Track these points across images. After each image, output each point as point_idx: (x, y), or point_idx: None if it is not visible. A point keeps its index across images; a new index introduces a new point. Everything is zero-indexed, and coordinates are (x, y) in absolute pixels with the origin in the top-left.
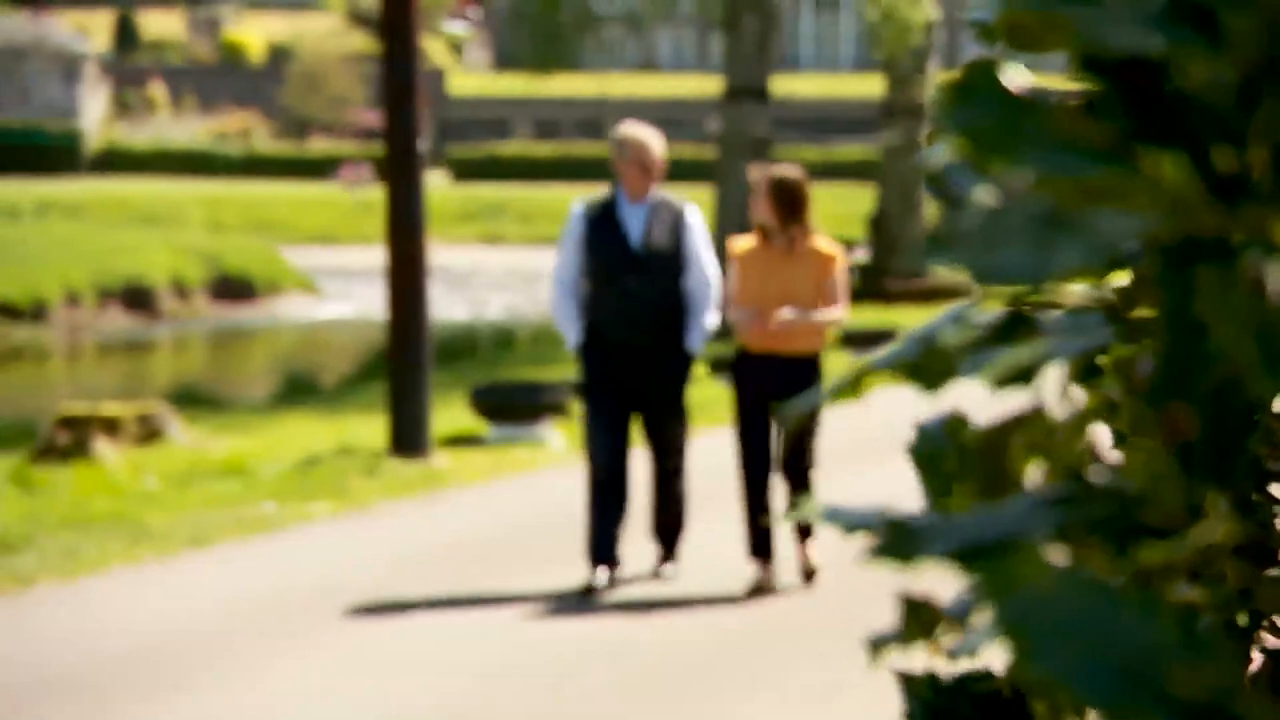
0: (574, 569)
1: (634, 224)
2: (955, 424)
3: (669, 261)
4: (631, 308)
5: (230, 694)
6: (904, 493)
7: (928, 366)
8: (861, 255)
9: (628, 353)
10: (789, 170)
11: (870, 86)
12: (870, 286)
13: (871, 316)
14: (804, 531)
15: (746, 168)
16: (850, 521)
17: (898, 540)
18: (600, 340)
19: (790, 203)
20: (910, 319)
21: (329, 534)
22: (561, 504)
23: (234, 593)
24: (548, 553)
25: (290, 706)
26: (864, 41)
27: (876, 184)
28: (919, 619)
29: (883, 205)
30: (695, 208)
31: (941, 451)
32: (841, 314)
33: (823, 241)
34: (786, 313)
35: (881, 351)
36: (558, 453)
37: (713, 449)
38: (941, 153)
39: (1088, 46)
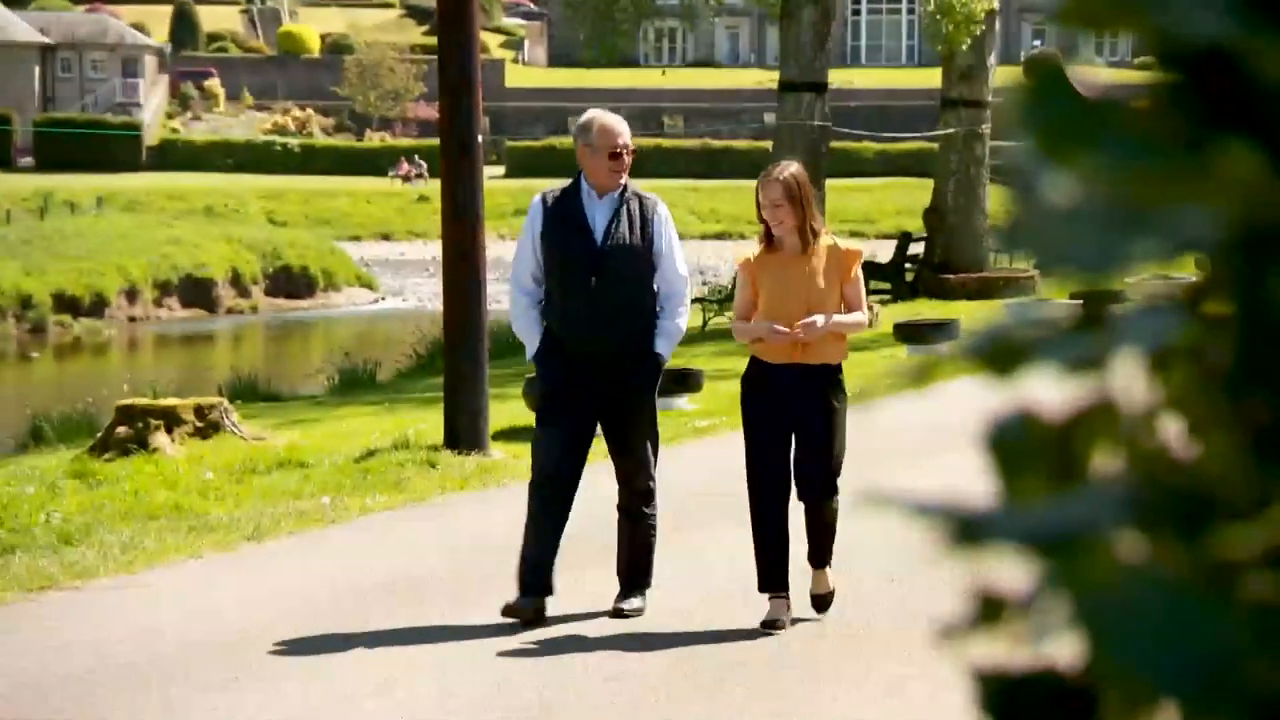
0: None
1: (599, 219)
2: (1027, 415)
3: (637, 261)
4: (595, 311)
5: (287, 686)
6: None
7: (999, 357)
8: (918, 248)
9: (590, 361)
10: (794, 166)
11: (929, 79)
12: (927, 279)
13: (927, 308)
14: (819, 556)
15: (802, 162)
16: (917, 510)
17: (967, 530)
18: (559, 348)
19: (803, 201)
20: (967, 311)
21: (386, 527)
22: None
23: (292, 586)
24: (605, 546)
25: (348, 698)
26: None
27: (935, 177)
28: (989, 609)
29: (940, 198)
30: (662, 202)
31: (1014, 442)
32: (866, 318)
33: (838, 240)
34: (818, 320)
35: (951, 343)
36: None
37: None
38: (1014, 146)
39: (1161, 35)
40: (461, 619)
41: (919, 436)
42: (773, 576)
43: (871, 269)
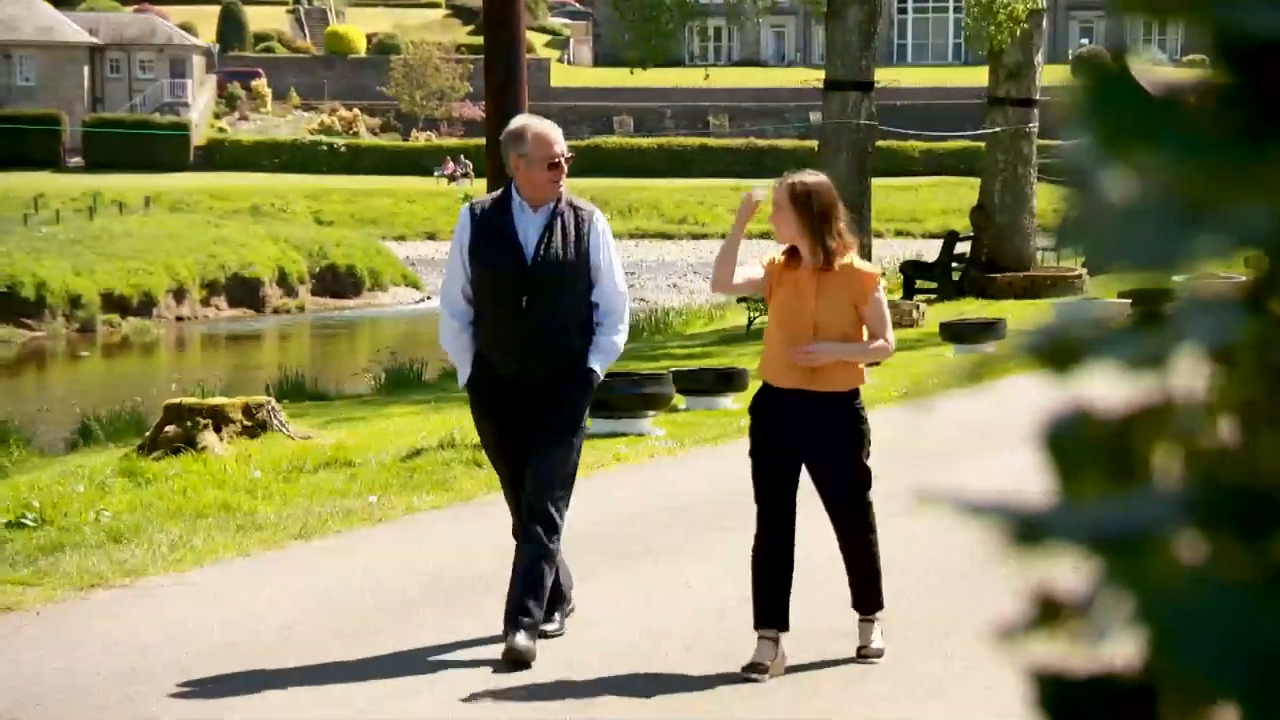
0: (685, 560)
1: (531, 232)
2: (1084, 413)
3: (572, 277)
4: (526, 333)
5: (333, 685)
6: (1017, 486)
7: (1057, 355)
8: (965, 247)
9: (521, 388)
10: (813, 176)
11: (975, 78)
12: (973, 278)
13: (974, 308)
14: (859, 599)
15: (849, 159)
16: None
17: (1026, 530)
18: (490, 373)
19: (823, 214)
20: (1014, 310)
21: (432, 526)
22: (665, 496)
23: (338, 584)
24: (655, 544)
25: (393, 698)
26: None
27: (982, 176)
28: (1047, 610)
29: (987, 197)
30: (600, 213)
31: (1071, 441)
32: (887, 345)
33: (859, 260)
34: (818, 348)
35: (1007, 340)
36: (660, 445)
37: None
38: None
39: (1222, 28)
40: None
41: (969, 436)
42: (767, 613)
43: (918, 268)
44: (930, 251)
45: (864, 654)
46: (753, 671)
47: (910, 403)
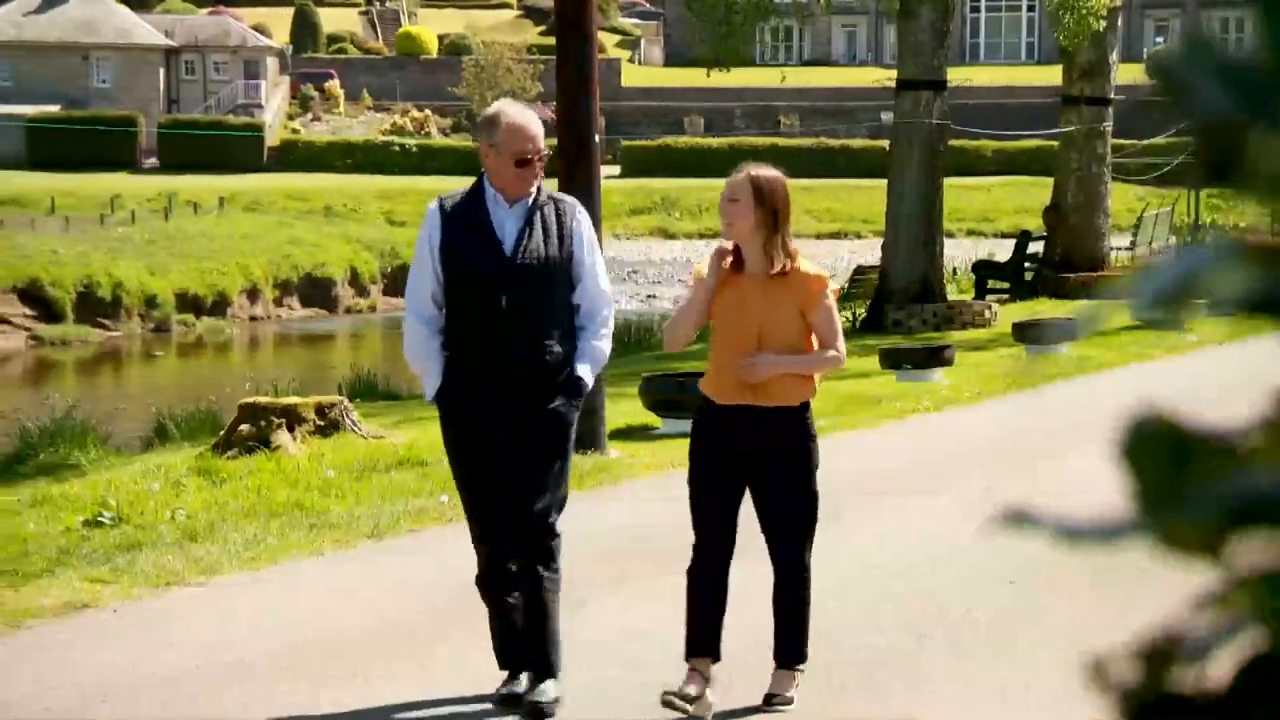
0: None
1: (508, 228)
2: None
3: (554, 276)
4: (505, 336)
5: (402, 683)
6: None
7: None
8: (1038, 247)
9: (500, 397)
10: (772, 170)
11: (1048, 77)
12: (1046, 278)
13: (1047, 308)
14: (783, 646)
15: (920, 159)
16: (1066, 533)
17: (1111, 539)
18: (464, 382)
19: (779, 212)
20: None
21: None
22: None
23: (409, 583)
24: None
25: (460, 696)
26: (1047, 31)
27: (1055, 175)
28: (1151, 656)
29: (1061, 196)
30: (582, 207)
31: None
32: (838, 356)
33: (806, 263)
34: (761, 360)
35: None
36: None
37: None
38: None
39: None
40: (574, 617)
41: (1038, 438)
42: (697, 641)
43: (990, 268)
44: (1002, 251)
45: (774, 701)
46: (670, 707)
47: (974, 405)
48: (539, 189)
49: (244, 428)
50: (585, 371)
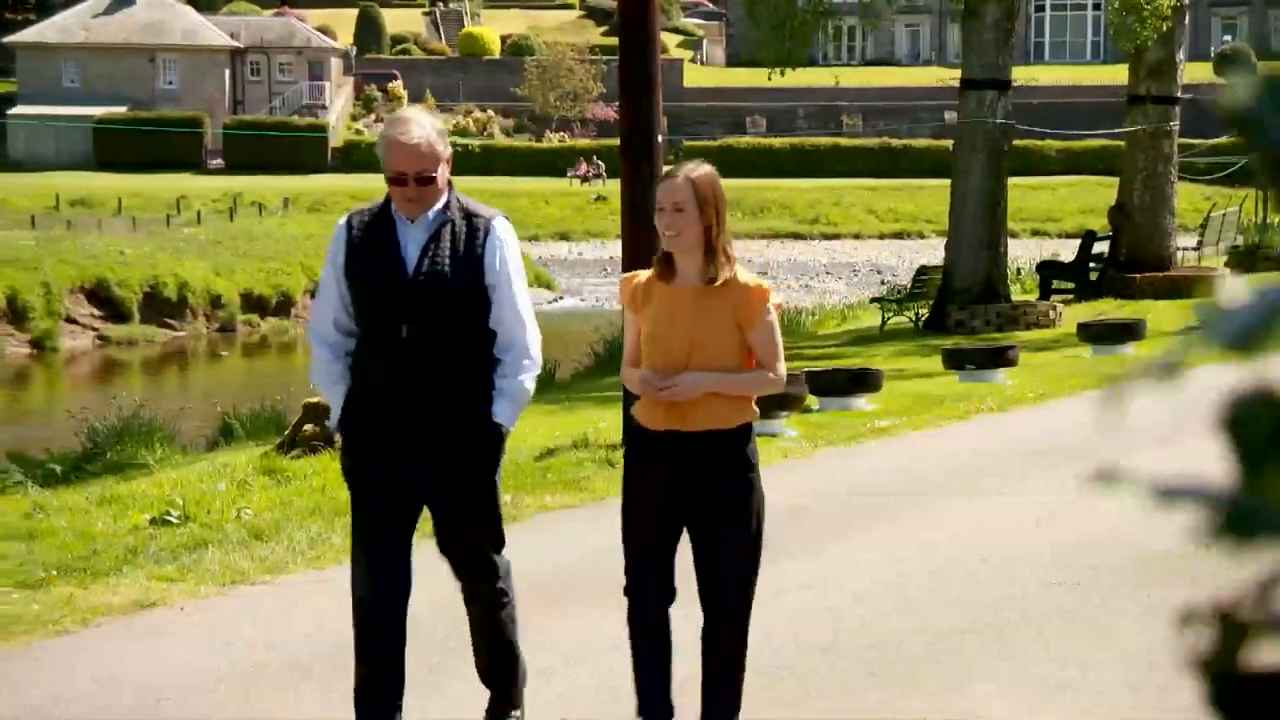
0: (821, 562)
1: (412, 247)
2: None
3: (462, 300)
4: (406, 367)
5: (455, 682)
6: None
7: (1248, 340)
8: (1103, 247)
9: (404, 434)
10: (706, 166)
11: (1114, 76)
12: (1112, 278)
13: (1112, 308)
14: (713, 702)
15: (984, 159)
16: (1172, 494)
17: (1238, 520)
18: (364, 417)
19: (719, 214)
20: (1153, 311)
21: (564, 525)
22: (795, 494)
23: None
24: (790, 545)
25: (531, 687)
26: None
27: (1121, 175)
28: (1233, 626)
29: (1127, 196)
30: (506, 223)
31: (1258, 426)
32: (777, 379)
33: (744, 273)
34: (687, 379)
35: (1191, 330)
36: (793, 446)
37: None
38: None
39: None
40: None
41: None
42: (649, 700)
43: (1055, 268)
44: (1066, 251)
45: None
46: None
47: (1035, 405)
48: (453, 200)
49: (308, 427)
50: (504, 415)
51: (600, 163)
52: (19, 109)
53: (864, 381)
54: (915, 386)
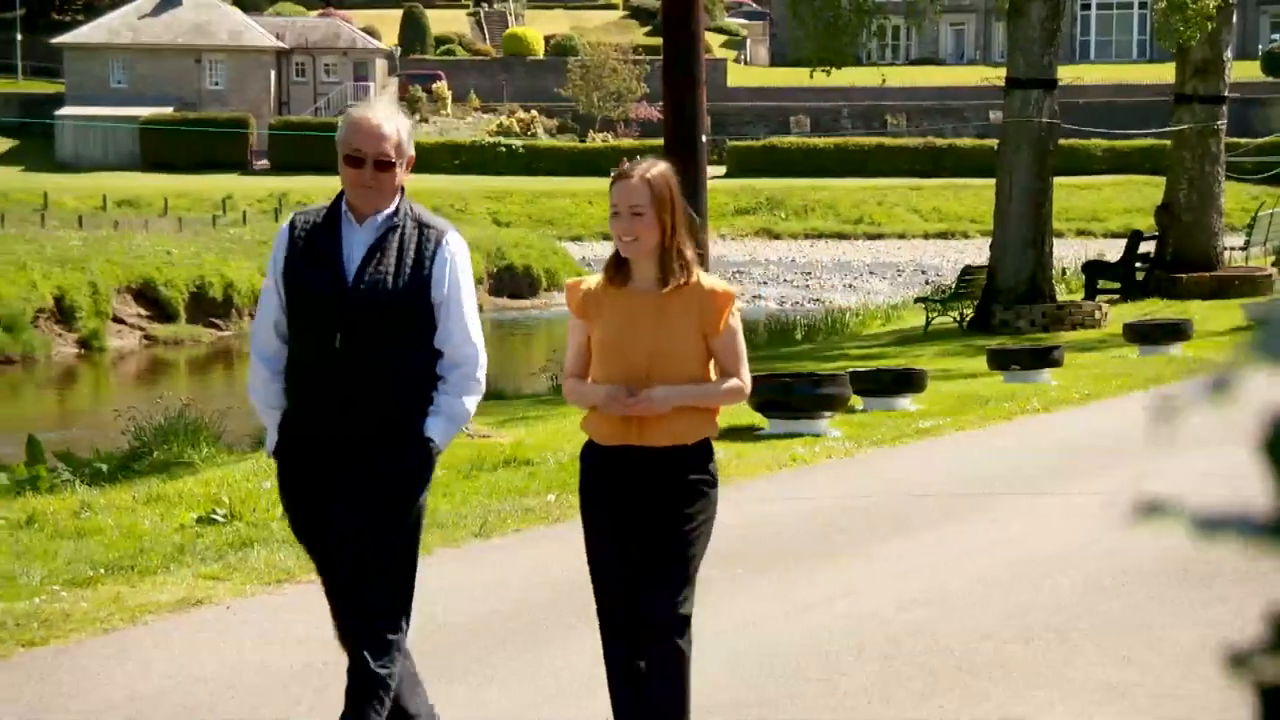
0: (870, 565)
1: (355, 253)
2: None
3: (403, 313)
4: (338, 382)
5: (504, 682)
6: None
7: None
8: (1149, 246)
9: (336, 457)
10: (660, 165)
11: (1161, 75)
12: (1158, 278)
13: (1158, 308)
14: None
15: (1029, 158)
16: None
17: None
18: (297, 437)
19: (672, 214)
20: (1200, 311)
21: None
22: (845, 496)
23: (514, 582)
24: (837, 548)
25: (557, 696)
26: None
27: (1168, 174)
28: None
29: (1173, 195)
30: (460, 238)
31: None
32: (741, 387)
33: (706, 275)
34: (657, 393)
35: (1245, 342)
36: (837, 446)
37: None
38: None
39: None
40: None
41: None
42: None
43: (1101, 268)
44: (1112, 251)
45: None
46: None
47: (1084, 405)
48: (405, 206)
49: None
50: (436, 431)
51: None
52: (67, 109)
53: (908, 382)
54: (960, 387)
